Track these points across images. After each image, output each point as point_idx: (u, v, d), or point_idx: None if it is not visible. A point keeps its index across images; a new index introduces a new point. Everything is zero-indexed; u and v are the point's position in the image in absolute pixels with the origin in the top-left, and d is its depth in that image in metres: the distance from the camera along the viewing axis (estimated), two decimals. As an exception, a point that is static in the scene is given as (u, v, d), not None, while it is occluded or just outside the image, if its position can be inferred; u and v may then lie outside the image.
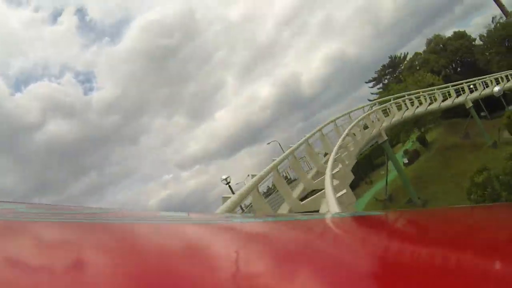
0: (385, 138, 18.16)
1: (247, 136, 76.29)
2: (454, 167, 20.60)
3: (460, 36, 32.76)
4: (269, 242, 0.61)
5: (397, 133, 25.71)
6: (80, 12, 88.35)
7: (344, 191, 5.44)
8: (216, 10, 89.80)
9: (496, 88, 18.91)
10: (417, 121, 24.40)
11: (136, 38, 78.47)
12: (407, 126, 24.57)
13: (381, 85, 45.01)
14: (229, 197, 4.86)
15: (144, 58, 79.59)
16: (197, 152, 76.48)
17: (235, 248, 0.54)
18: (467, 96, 21.67)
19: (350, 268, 0.45)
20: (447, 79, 28.42)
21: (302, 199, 8.17)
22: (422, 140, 26.62)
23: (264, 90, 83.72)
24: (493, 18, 30.80)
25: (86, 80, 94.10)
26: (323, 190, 6.63)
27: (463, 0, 56.17)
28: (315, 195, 7.64)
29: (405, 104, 19.89)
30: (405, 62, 40.37)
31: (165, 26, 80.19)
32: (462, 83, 22.75)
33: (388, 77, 44.86)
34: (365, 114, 16.47)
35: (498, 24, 29.18)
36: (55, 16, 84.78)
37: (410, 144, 28.49)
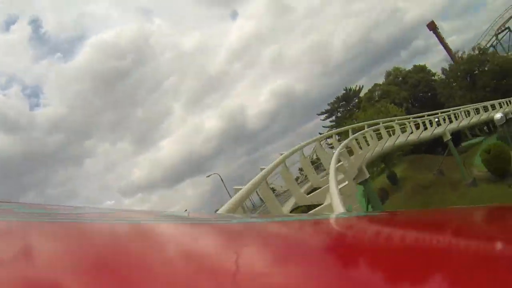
0: (367, 175, 13.99)
1: (191, 167, 75.63)
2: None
3: (420, 69, 31.81)
4: (269, 242, 0.61)
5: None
6: (35, 23, 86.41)
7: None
8: (170, 37, 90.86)
9: (498, 115, 16.26)
10: (384, 156, 21.61)
11: (88, 57, 77.32)
12: (375, 161, 21.63)
13: (334, 117, 43.31)
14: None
15: (94, 79, 78.09)
16: (141, 180, 73.51)
17: (235, 249, 0.54)
18: (446, 127, 19.10)
19: (351, 268, 0.46)
20: (407, 112, 26.63)
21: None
22: (392, 178, 23.41)
23: (211, 121, 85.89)
24: (455, 52, 30.14)
25: (34, 94, 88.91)
26: None
27: (409, 45, 59.37)
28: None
29: (384, 133, 16.46)
30: (363, 94, 38.81)
31: (118, 48, 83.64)
32: (437, 113, 20.38)
33: (341, 109, 43.29)
34: (348, 140, 12.44)
35: (461, 59, 28.32)
36: (9, 24, 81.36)
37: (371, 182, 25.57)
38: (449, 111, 20.82)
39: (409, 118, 19.53)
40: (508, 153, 18.21)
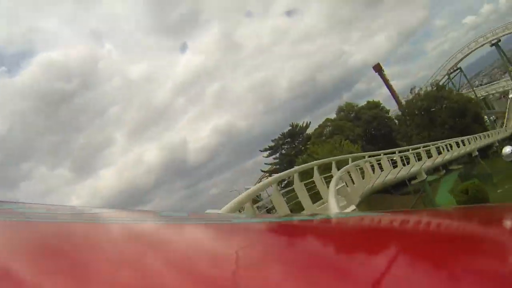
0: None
1: (130, 198, 70.50)
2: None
3: (374, 105, 30.29)
4: (269, 242, 0.61)
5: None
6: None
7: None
8: (119, 65, 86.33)
9: (508, 149, 13.89)
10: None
11: (34, 75, 73.02)
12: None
13: (278, 154, 40.31)
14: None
15: (38, 98, 73.04)
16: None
17: (235, 249, 0.54)
18: (422, 165, 16.46)
19: (350, 268, 0.46)
20: (362, 150, 24.34)
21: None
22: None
23: (152, 153, 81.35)
24: (411, 89, 29.15)
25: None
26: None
27: (352, 87, 61.29)
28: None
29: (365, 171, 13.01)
30: (311, 130, 36.42)
31: (66, 69, 76.92)
32: (408, 149, 17.81)
33: (286, 146, 40.54)
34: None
35: (418, 95, 27.12)
36: None
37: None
38: (419, 147, 18.50)
39: (380, 155, 16.63)
40: (485, 192, 16.22)
